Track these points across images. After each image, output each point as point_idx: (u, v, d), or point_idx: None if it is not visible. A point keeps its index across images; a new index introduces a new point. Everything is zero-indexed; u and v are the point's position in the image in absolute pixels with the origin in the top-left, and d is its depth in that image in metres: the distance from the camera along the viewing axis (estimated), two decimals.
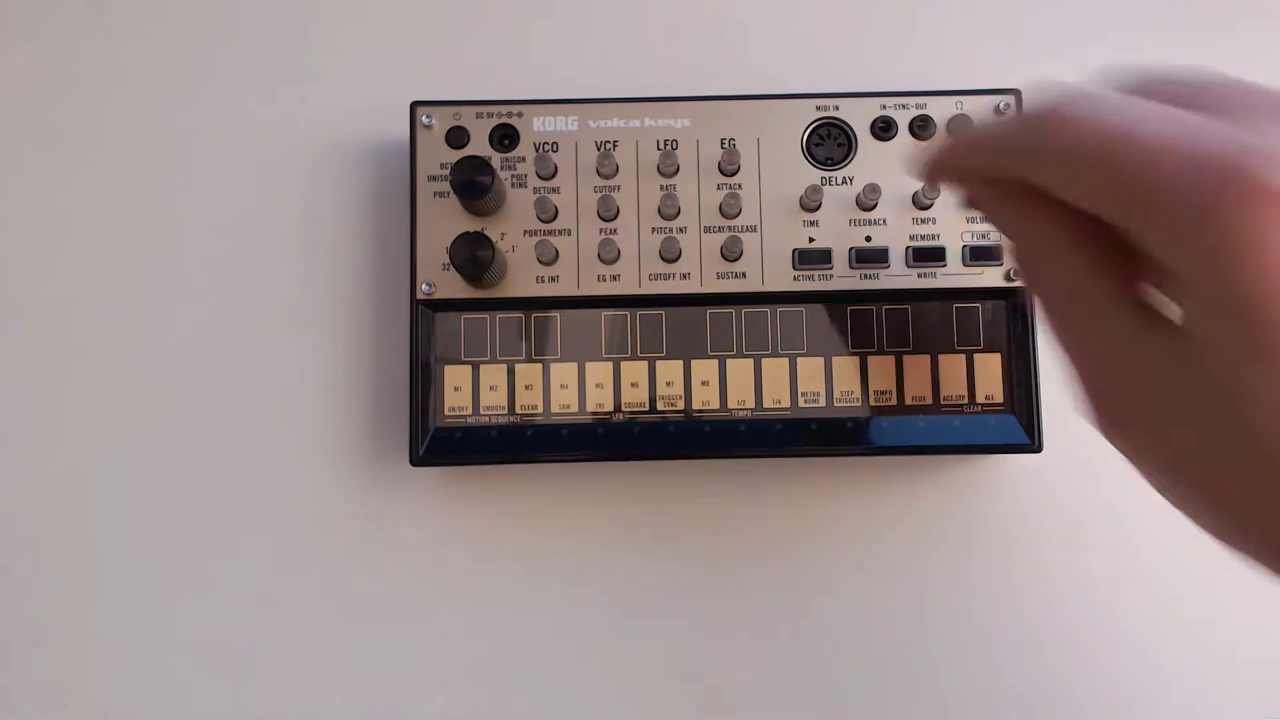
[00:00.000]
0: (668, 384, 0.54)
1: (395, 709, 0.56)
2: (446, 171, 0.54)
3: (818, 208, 0.54)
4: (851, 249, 0.54)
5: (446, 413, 0.54)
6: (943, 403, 0.54)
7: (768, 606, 0.57)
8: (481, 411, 0.54)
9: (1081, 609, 0.57)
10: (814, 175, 0.55)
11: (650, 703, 0.56)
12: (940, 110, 0.55)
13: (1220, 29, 0.61)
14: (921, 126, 0.55)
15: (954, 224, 0.54)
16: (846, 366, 0.54)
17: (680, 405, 0.54)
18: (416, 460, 0.53)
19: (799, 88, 0.58)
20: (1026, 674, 0.57)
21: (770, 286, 0.54)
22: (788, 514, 0.57)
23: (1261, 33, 0.61)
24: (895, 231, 0.54)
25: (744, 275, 0.54)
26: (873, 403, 0.54)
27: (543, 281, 0.54)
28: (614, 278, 0.54)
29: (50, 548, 0.57)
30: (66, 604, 0.57)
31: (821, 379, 0.54)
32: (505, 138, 0.55)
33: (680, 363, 0.54)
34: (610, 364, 0.54)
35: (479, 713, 0.56)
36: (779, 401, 0.54)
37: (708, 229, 0.54)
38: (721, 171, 0.54)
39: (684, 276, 0.54)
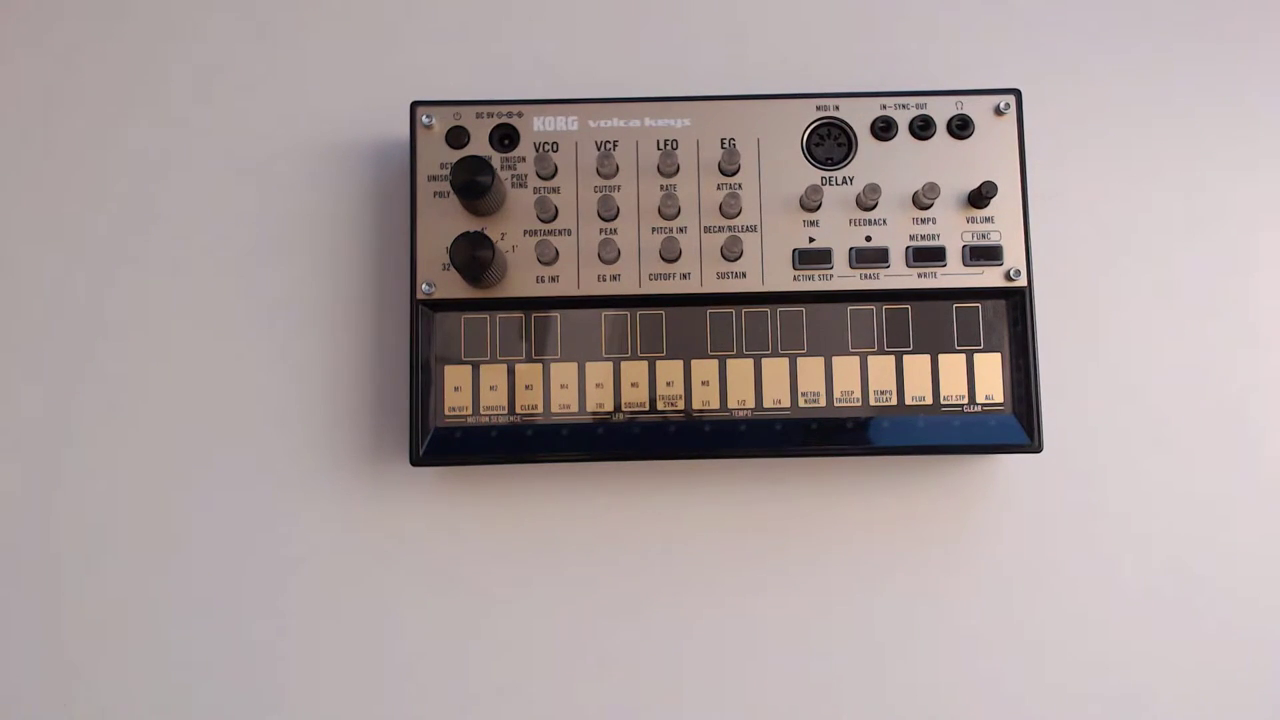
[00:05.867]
0: (668, 384, 0.54)
1: (395, 706, 0.56)
2: (446, 171, 0.54)
3: (818, 208, 0.54)
4: (851, 249, 0.54)
5: (446, 413, 0.54)
6: (943, 403, 0.54)
7: (768, 605, 0.57)
8: (481, 411, 0.54)
9: (1080, 608, 0.57)
10: (814, 175, 0.55)
11: (650, 701, 0.56)
12: (940, 110, 0.55)
13: (1218, 27, 0.61)
14: (922, 127, 0.55)
15: (954, 224, 0.54)
16: (846, 366, 0.54)
17: (680, 405, 0.54)
18: (416, 460, 0.53)
19: (799, 88, 0.58)
20: (1025, 672, 0.57)
21: (770, 286, 0.54)
22: (788, 514, 0.57)
23: (1260, 31, 0.61)
24: (895, 231, 0.54)
25: (744, 275, 0.54)
26: (873, 403, 0.54)
27: (543, 281, 0.54)
28: (614, 278, 0.54)
29: (52, 548, 0.57)
30: (67, 604, 0.57)
31: (821, 379, 0.54)
32: (505, 138, 0.55)
33: (680, 363, 0.54)
34: (610, 364, 0.54)
35: (478, 710, 0.56)
36: (779, 401, 0.54)
37: (708, 229, 0.54)
38: (721, 171, 0.54)
39: (684, 276, 0.54)
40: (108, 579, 0.57)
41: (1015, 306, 0.54)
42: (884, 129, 0.55)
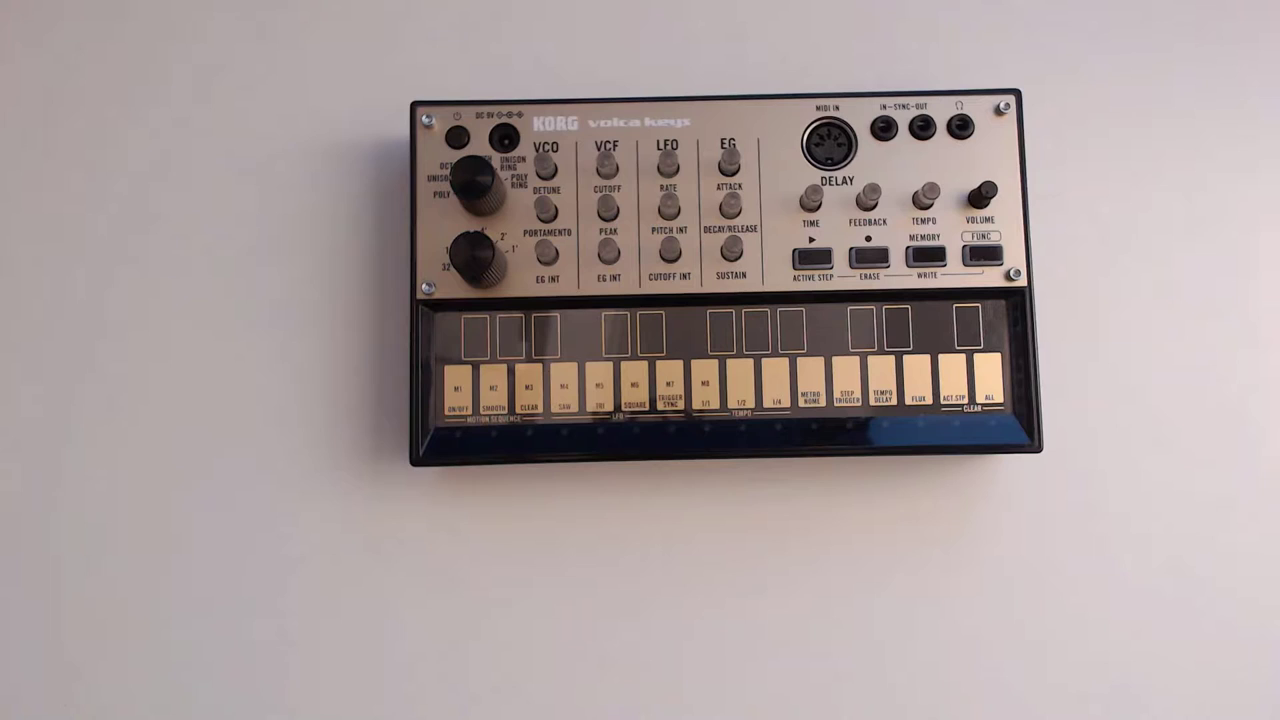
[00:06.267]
0: (668, 384, 0.54)
1: (395, 706, 0.56)
2: (446, 171, 0.54)
3: (818, 208, 0.54)
4: (851, 249, 0.54)
5: (446, 413, 0.54)
6: (943, 403, 0.54)
7: (768, 606, 0.57)
8: (481, 411, 0.54)
9: (1080, 608, 0.57)
10: (814, 175, 0.55)
11: (650, 701, 0.56)
12: (940, 110, 0.55)
13: (1218, 27, 0.61)
14: (922, 127, 0.55)
15: (954, 224, 0.54)
16: (846, 366, 0.54)
17: (680, 405, 0.54)
18: (416, 460, 0.53)
19: (799, 88, 0.58)
20: (1026, 672, 0.57)
21: (770, 286, 0.54)
22: (788, 514, 0.57)
23: (1260, 31, 0.61)
24: (895, 231, 0.54)
25: (744, 275, 0.54)
26: (873, 403, 0.54)
27: (543, 281, 0.54)
28: (614, 278, 0.54)
29: (52, 548, 0.57)
30: (67, 604, 0.57)
31: (821, 379, 0.54)
32: (505, 138, 0.55)
33: (680, 363, 0.54)
34: (610, 364, 0.54)
35: (478, 710, 0.56)
36: (779, 401, 0.54)
37: (708, 229, 0.54)
38: (721, 171, 0.54)
39: (684, 276, 0.54)
40: (108, 579, 0.57)
41: (1015, 306, 0.54)
42: (884, 129, 0.55)
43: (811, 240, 0.54)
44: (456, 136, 0.54)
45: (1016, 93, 0.55)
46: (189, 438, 0.57)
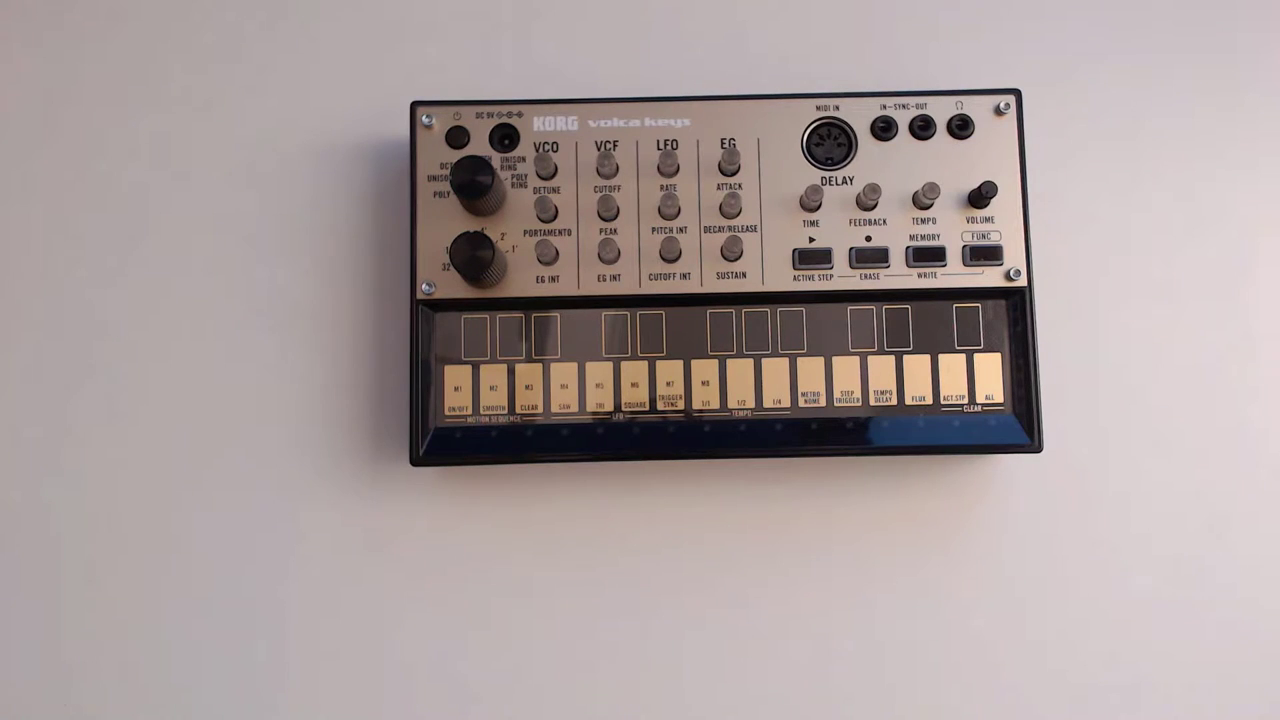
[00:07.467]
0: (668, 384, 0.54)
1: (395, 706, 0.56)
2: (446, 171, 0.54)
3: (818, 207, 0.54)
4: (851, 249, 0.54)
5: (446, 413, 0.54)
6: (943, 403, 0.54)
7: (768, 606, 0.57)
8: (481, 411, 0.54)
9: (1080, 607, 0.57)
10: (814, 175, 0.55)
11: (650, 701, 0.56)
12: (940, 110, 0.55)
13: (1218, 27, 0.61)
14: (922, 127, 0.55)
15: (954, 224, 0.54)
16: (846, 366, 0.54)
17: (680, 405, 0.54)
18: (416, 460, 0.53)
19: (799, 88, 0.58)
20: (1025, 672, 0.57)
21: (770, 286, 0.54)
22: (788, 514, 0.57)
23: (1260, 31, 0.61)
24: (895, 231, 0.54)
25: (744, 275, 0.54)
26: (873, 403, 0.54)
27: (543, 281, 0.54)
28: (614, 278, 0.54)
29: (52, 548, 0.57)
30: (67, 604, 0.57)
31: (821, 379, 0.54)
32: (505, 138, 0.55)
33: (680, 363, 0.54)
34: (610, 364, 0.54)
35: (478, 710, 0.56)
36: (779, 401, 0.54)
37: (708, 229, 0.54)
38: (721, 171, 0.54)
39: (684, 276, 0.54)
40: (108, 579, 0.57)
41: (1015, 306, 0.54)
42: (884, 129, 0.55)
43: (811, 240, 0.54)
44: (456, 136, 0.54)
45: (1016, 93, 0.55)
46: (189, 438, 0.57)
